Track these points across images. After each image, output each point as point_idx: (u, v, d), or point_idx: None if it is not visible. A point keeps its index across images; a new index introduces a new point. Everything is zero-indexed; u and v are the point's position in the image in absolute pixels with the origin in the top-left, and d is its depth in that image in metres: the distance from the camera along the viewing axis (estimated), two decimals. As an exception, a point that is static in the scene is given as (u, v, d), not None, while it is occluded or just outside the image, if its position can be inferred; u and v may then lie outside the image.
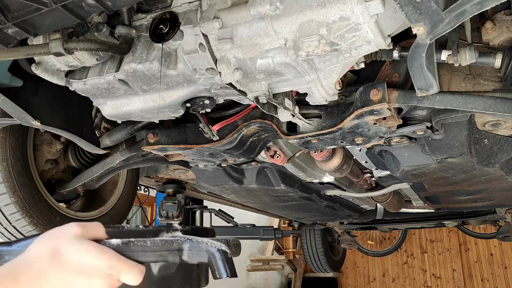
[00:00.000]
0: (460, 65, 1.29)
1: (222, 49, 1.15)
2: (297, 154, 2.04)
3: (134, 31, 1.15)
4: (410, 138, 1.65)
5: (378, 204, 3.44)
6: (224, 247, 0.70)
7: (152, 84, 1.30)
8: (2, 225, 1.85)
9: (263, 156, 1.98)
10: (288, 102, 1.40)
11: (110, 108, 1.45)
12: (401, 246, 7.60)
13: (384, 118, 1.45)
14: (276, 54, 1.15)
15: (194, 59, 1.18)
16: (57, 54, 1.12)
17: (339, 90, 1.36)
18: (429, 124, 1.52)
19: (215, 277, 0.69)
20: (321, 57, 1.19)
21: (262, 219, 6.52)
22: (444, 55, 1.28)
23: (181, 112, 1.43)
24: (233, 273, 0.68)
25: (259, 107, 1.34)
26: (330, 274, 7.41)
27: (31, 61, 1.36)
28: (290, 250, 7.36)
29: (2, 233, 1.89)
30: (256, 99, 1.30)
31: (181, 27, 1.15)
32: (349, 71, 1.45)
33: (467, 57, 1.27)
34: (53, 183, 2.14)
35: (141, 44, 1.24)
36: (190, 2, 1.15)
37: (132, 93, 1.36)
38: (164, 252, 0.70)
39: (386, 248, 7.53)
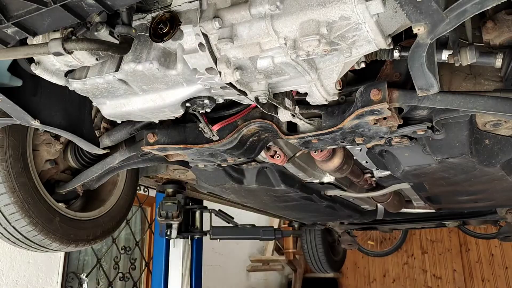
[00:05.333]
0: (460, 65, 1.29)
1: (222, 49, 1.15)
2: (297, 154, 2.04)
3: (133, 30, 1.15)
4: (411, 138, 1.65)
5: (378, 204, 3.43)
6: None
7: (151, 84, 1.29)
8: (1, 225, 1.84)
9: (263, 156, 1.98)
10: (288, 102, 1.40)
11: (110, 108, 1.45)
12: (401, 246, 7.60)
13: (385, 118, 1.45)
14: (276, 54, 1.14)
15: (194, 58, 1.18)
16: (57, 54, 1.12)
17: (340, 90, 1.36)
18: (429, 124, 1.52)
19: None
20: (321, 57, 1.18)
21: (262, 219, 6.51)
22: (445, 55, 1.28)
23: (181, 112, 1.43)
24: None
25: (259, 107, 1.33)
26: (331, 275, 7.40)
27: (30, 60, 1.36)
28: (290, 250, 7.36)
29: (2, 233, 1.89)
30: (256, 99, 1.30)
31: (181, 27, 1.14)
32: (349, 70, 1.44)
33: (467, 57, 1.27)
34: (53, 183, 2.13)
35: (141, 44, 1.24)
36: (190, 2, 1.14)
37: (132, 93, 1.35)
38: None
39: (387, 248, 7.52)
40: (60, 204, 2.11)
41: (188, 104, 1.38)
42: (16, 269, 3.62)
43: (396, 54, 1.31)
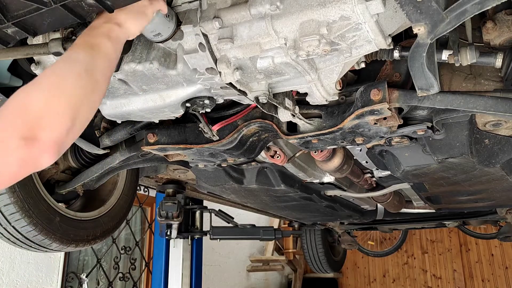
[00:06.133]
0: (461, 65, 1.28)
1: (222, 49, 1.15)
2: (297, 154, 2.03)
3: (133, 30, 1.15)
4: (411, 138, 1.65)
5: (378, 205, 3.44)
6: None
7: (151, 84, 1.29)
8: (1, 225, 1.84)
9: (263, 156, 1.98)
10: (288, 102, 1.40)
11: (110, 108, 1.45)
12: (401, 246, 7.59)
13: (385, 118, 1.45)
14: (277, 54, 1.14)
15: (194, 59, 1.18)
16: (57, 54, 1.12)
17: (340, 90, 1.36)
18: (429, 124, 1.52)
19: None
20: (321, 57, 1.18)
21: (262, 219, 6.52)
22: (445, 55, 1.28)
23: (181, 112, 1.43)
24: None
25: (259, 107, 1.33)
26: (331, 275, 7.41)
27: (30, 60, 1.36)
28: (290, 250, 7.36)
29: (2, 233, 1.89)
30: (256, 99, 1.30)
31: (181, 27, 1.14)
32: (349, 70, 1.44)
33: (468, 57, 1.27)
34: (53, 183, 2.13)
35: (141, 44, 1.24)
36: (190, 2, 1.14)
37: (132, 93, 1.35)
38: None
39: (387, 248, 7.51)
40: (60, 204, 2.11)
41: (188, 104, 1.38)
42: (16, 269, 3.62)
43: (396, 54, 1.31)
